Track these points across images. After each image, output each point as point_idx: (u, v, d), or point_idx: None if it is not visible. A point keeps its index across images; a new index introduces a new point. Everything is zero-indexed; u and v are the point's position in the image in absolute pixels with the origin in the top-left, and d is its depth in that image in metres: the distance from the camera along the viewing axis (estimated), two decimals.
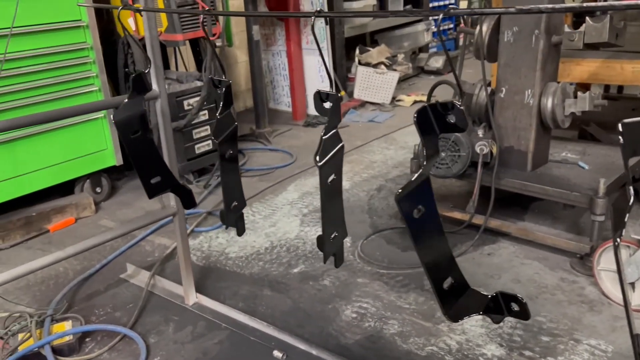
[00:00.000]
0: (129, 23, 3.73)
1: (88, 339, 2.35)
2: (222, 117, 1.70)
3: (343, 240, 1.53)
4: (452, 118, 1.03)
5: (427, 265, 1.15)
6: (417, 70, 7.04)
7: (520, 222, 2.98)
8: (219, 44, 4.55)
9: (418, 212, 1.12)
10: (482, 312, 1.24)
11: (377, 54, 6.11)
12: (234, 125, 1.75)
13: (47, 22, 3.20)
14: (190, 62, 4.67)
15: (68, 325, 2.35)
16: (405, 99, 5.91)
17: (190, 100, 3.85)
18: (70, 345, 2.25)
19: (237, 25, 5.57)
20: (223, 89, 1.66)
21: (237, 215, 1.88)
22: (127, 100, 1.87)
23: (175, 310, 2.52)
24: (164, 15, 3.66)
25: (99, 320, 2.47)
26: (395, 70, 6.01)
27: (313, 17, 1.15)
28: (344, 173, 1.44)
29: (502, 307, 1.22)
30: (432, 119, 1.06)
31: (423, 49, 7.23)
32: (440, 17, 0.89)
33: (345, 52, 5.85)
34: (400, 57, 6.49)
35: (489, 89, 3.00)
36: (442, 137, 2.35)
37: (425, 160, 1.08)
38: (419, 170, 1.09)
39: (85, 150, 3.52)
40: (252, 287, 2.69)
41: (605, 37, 2.57)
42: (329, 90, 1.33)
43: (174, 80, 3.91)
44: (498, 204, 2.89)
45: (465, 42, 4.20)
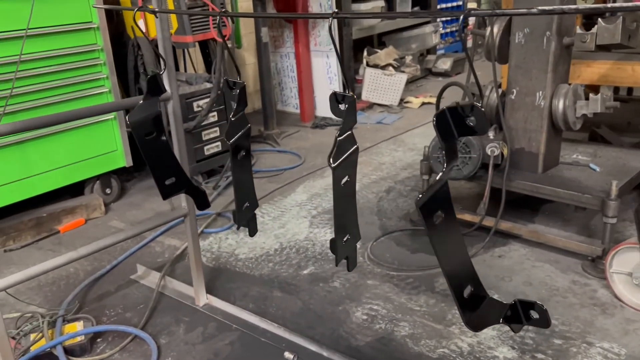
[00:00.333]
0: (139, 25, 3.74)
1: (99, 340, 2.36)
2: (235, 118, 1.70)
3: (356, 244, 1.52)
4: (472, 121, 1.02)
5: (447, 272, 1.13)
6: (425, 72, 7.04)
7: (531, 224, 2.97)
8: (229, 46, 4.55)
9: (438, 217, 1.10)
10: (502, 321, 1.23)
11: (385, 56, 6.11)
12: (247, 127, 1.75)
13: (58, 24, 3.21)
14: (199, 63, 4.69)
15: (80, 326, 2.35)
16: (414, 101, 5.90)
17: (200, 102, 3.86)
18: (82, 346, 2.26)
19: (245, 27, 5.58)
20: (237, 90, 1.67)
21: (249, 216, 1.88)
22: (142, 102, 1.88)
23: (186, 311, 2.52)
24: (174, 17, 3.67)
25: (110, 321, 2.48)
26: (403, 72, 6.00)
27: (330, 18, 1.15)
28: None
29: (520, 315, 1.21)
30: (450, 122, 1.06)
31: (431, 51, 7.23)
32: (462, 17, 0.88)
33: (353, 54, 5.85)
34: (408, 58, 6.48)
35: (500, 91, 2.99)
36: None
37: (445, 164, 1.07)
38: (439, 174, 1.07)
39: (96, 152, 3.54)
40: (262, 288, 2.69)
41: (618, 38, 2.56)
42: (345, 92, 1.33)
43: (184, 82, 3.92)
44: (508, 206, 2.88)
45: (475, 43, 4.19)
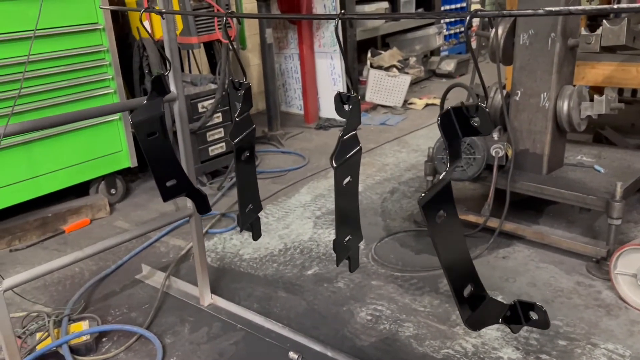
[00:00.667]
0: (145, 26, 3.75)
1: (105, 339, 2.37)
2: (240, 119, 1.71)
3: (358, 244, 1.52)
4: (476, 121, 1.03)
5: (448, 271, 1.14)
6: (428, 74, 7.04)
7: (535, 225, 2.97)
8: (234, 47, 4.57)
9: (440, 217, 1.11)
10: (501, 321, 1.23)
11: (389, 57, 6.12)
12: (252, 128, 1.75)
13: (64, 25, 3.23)
14: (204, 65, 4.70)
15: (85, 325, 2.37)
16: (417, 102, 5.91)
17: (205, 103, 3.87)
18: (88, 345, 2.27)
19: (249, 29, 5.60)
20: (242, 91, 1.67)
21: (252, 219, 1.88)
22: (145, 102, 1.88)
23: (191, 311, 2.53)
24: (179, 18, 3.68)
25: (115, 321, 2.49)
26: (407, 74, 6.01)
27: (337, 19, 1.15)
28: None
29: (520, 316, 1.22)
30: (455, 122, 1.06)
31: (435, 52, 7.23)
32: (468, 18, 0.89)
33: (357, 55, 5.86)
34: (412, 60, 6.49)
35: (504, 92, 2.99)
36: None
37: (449, 164, 1.08)
38: (442, 174, 1.08)
39: (101, 152, 3.55)
40: (266, 288, 2.70)
41: (623, 40, 2.55)
42: (350, 93, 1.33)
43: (188, 83, 3.93)
44: (513, 207, 2.88)
45: (479, 45, 4.19)
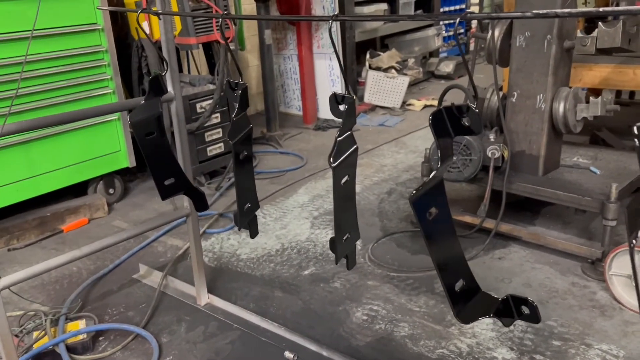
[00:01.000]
0: (144, 26, 3.77)
1: (101, 338, 2.38)
2: (237, 119, 1.72)
3: (355, 243, 1.54)
4: (467, 121, 1.04)
5: (439, 267, 1.16)
6: (427, 75, 7.06)
7: (531, 226, 2.99)
8: (232, 48, 4.59)
9: (431, 214, 1.13)
10: (492, 314, 1.25)
11: (387, 59, 6.14)
12: (249, 128, 1.77)
13: (63, 25, 3.25)
14: (202, 65, 4.72)
15: (82, 324, 2.37)
16: (416, 103, 5.92)
17: (203, 103, 3.88)
18: (84, 344, 2.28)
19: (248, 30, 5.62)
20: (239, 92, 1.69)
21: (250, 218, 1.90)
22: (143, 102, 1.89)
23: (187, 311, 2.54)
24: (178, 19, 3.70)
25: (112, 320, 2.50)
26: (406, 75, 6.03)
27: (330, 20, 1.17)
28: None
29: (512, 310, 1.23)
30: (447, 121, 1.08)
31: (433, 54, 7.25)
32: (457, 21, 0.90)
33: (356, 56, 5.87)
34: (411, 61, 6.51)
35: (501, 94, 3.00)
36: (454, 140, 2.37)
37: (440, 163, 1.09)
38: (433, 173, 1.10)
39: (99, 152, 3.56)
40: (263, 288, 2.71)
41: (618, 42, 2.57)
42: (345, 93, 1.35)
43: (187, 84, 3.95)
44: (509, 209, 2.89)
45: (477, 47, 4.21)
